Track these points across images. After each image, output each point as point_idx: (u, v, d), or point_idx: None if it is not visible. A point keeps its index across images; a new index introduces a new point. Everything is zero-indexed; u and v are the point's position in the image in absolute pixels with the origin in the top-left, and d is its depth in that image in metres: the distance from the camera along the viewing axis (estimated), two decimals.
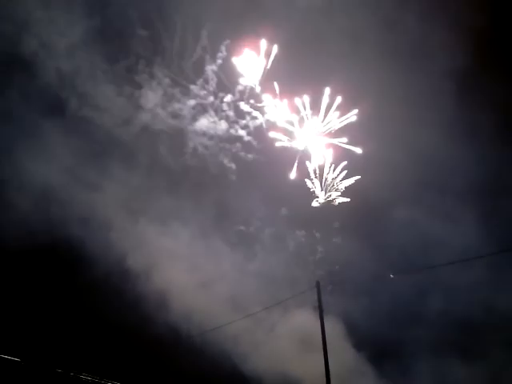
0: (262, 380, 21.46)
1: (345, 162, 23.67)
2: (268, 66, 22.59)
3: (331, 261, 23.83)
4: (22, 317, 19.67)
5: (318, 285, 19.45)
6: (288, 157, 23.51)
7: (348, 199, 23.89)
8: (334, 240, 24.19)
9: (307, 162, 23.68)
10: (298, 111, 23.05)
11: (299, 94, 22.78)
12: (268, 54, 22.40)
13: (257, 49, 22.43)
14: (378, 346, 22.23)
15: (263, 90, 22.98)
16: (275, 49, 22.27)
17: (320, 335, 18.81)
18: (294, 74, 22.70)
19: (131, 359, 20.88)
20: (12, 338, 18.48)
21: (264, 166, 23.61)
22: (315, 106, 23.02)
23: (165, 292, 21.75)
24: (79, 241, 20.80)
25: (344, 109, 22.98)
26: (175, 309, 21.62)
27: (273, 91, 22.90)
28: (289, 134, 23.42)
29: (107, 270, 21.06)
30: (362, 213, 23.83)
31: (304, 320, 21.85)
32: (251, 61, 22.54)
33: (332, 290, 20.77)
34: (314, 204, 24.04)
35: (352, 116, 22.93)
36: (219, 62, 22.76)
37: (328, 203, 24.04)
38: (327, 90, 22.71)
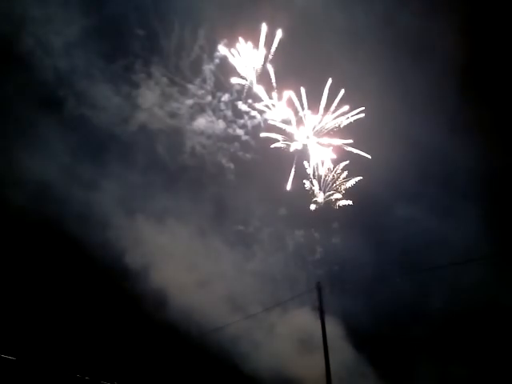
0: (263, 380, 21.34)
1: (346, 162, 23.58)
2: (268, 61, 22.57)
3: (331, 261, 23.71)
4: (17, 316, 19.65)
5: (318, 286, 19.03)
6: (287, 156, 23.49)
7: (350, 202, 23.74)
8: (334, 240, 24.06)
9: (305, 163, 23.60)
10: (296, 110, 23.00)
11: (297, 92, 22.81)
12: (267, 51, 22.41)
13: (255, 47, 22.42)
14: (379, 347, 22.04)
15: (261, 88, 22.97)
16: (273, 48, 22.29)
17: (320, 335, 18.57)
18: (293, 72, 22.69)
19: (130, 359, 20.84)
20: (8, 337, 18.46)
21: (262, 166, 23.56)
22: (314, 106, 22.97)
23: (164, 290, 21.70)
24: (77, 238, 20.79)
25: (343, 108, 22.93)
26: (174, 307, 21.54)
27: (271, 89, 22.89)
28: (287, 134, 23.36)
29: (105, 268, 21.04)
30: (362, 212, 23.70)
31: (304, 320, 21.69)
32: (249, 58, 22.48)
33: (332, 290, 20.54)
34: (313, 207, 23.92)
35: (357, 114, 22.88)
36: (217, 61, 22.83)
37: (328, 204, 23.88)
38: (326, 90, 22.66)
